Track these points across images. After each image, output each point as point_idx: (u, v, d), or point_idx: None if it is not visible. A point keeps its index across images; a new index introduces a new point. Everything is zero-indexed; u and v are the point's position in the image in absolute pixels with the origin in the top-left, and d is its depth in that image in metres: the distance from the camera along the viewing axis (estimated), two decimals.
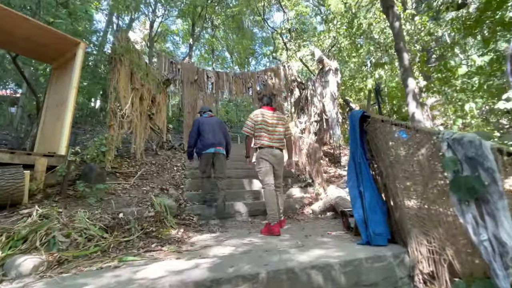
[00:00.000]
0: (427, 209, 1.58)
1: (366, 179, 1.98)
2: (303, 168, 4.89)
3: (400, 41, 4.22)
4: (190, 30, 16.21)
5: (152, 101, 6.14)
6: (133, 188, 3.75)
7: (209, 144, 3.59)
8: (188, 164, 5.17)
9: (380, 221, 1.82)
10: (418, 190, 1.64)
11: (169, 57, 8.98)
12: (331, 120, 5.35)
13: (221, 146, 3.67)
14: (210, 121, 3.79)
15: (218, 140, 3.65)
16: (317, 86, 5.85)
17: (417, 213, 1.62)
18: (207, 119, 3.83)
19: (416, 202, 1.67)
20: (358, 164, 2.04)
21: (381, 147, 1.92)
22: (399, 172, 1.76)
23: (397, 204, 1.79)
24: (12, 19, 2.86)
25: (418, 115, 3.93)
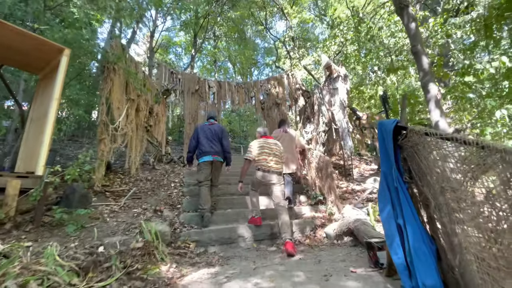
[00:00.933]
0: (505, 257, 1.12)
1: (406, 210, 1.53)
2: (312, 183, 4.44)
3: (417, 43, 3.84)
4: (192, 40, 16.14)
5: (150, 112, 5.79)
6: (123, 211, 3.32)
7: (205, 152, 3.60)
8: (187, 180, 4.76)
9: (430, 269, 1.36)
10: (489, 229, 1.19)
11: (169, 67, 8.75)
12: (342, 130, 4.92)
13: (218, 154, 3.66)
14: (209, 128, 3.77)
15: (215, 148, 3.64)
16: (325, 93, 5.46)
17: (490, 263, 1.16)
18: (206, 127, 3.81)
19: (485, 246, 1.21)
20: (393, 189, 1.60)
21: (426, 169, 1.48)
22: (455, 202, 1.32)
23: (455, 246, 1.33)
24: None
25: (443, 124, 3.50)
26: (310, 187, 4.52)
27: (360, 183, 5.17)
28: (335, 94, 5.13)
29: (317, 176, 4.31)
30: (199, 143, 3.67)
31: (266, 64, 23.30)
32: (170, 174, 5.28)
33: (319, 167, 4.12)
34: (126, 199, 3.59)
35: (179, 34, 21.01)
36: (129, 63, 5.01)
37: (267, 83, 9.41)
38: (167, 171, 5.43)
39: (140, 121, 5.27)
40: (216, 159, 3.61)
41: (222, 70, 24.73)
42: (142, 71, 5.71)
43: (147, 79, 5.88)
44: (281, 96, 9.26)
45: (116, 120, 4.35)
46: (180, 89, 8.41)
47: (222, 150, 3.71)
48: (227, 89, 9.02)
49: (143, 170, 5.35)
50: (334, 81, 5.19)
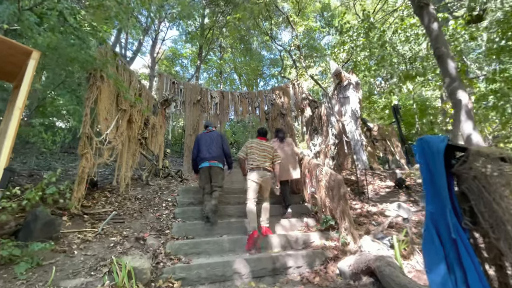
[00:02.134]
0: None
1: (471, 273, 0.99)
2: (322, 205, 3.87)
3: (441, 45, 3.34)
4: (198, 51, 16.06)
5: (145, 123, 5.40)
6: (98, 239, 2.83)
7: (203, 158, 3.75)
8: (181, 198, 4.27)
9: None
10: None
11: (171, 77, 8.48)
12: (354, 143, 4.39)
13: (216, 160, 3.74)
14: (207, 136, 3.94)
15: (213, 154, 3.74)
16: (334, 103, 4.97)
17: None
18: (204, 135, 4.00)
19: None
20: (449, 241, 1.07)
21: (503, 213, 0.95)
22: None
23: None
24: None
25: (476, 138, 2.93)
26: (319, 209, 3.96)
27: (376, 203, 4.57)
28: (345, 104, 4.63)
29: (327, 195, 3.75)
30: (199, 151, 3.85)
31: (272, 75, 23.11)
32: (164, 191, 4.80)
33: (330, 186, 3.57)
34: (105, 224, 3.11)
35: (186, 46, 21.17)
36: (122, 71, 4.67)
37: (272, 93, 9.00)
38: (161, 188, 4.96)
39: (133, 133, 4.87)
40: (212, 164, 3.70)
41: (228, 82, 24.69)
42: (138, 80, 5.37)
43: (143, 88, 5.53)
44: (286, 106, 8.82)
45: (103, 132, 3.94)
46: (181, 99, 8.08)
47: (222, 156, 3.84)
48: (230, 99, 8.65)
49: (135, 187, 4.90)
50: (345, 90, 4.70)
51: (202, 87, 8.48)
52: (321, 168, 3.89)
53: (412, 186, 5.32)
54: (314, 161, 4.22)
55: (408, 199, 4.64)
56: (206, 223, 3.46)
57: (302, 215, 4.22)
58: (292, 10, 9.85)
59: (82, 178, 3.49)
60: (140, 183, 5.11)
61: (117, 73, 4.57)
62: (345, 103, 4.57)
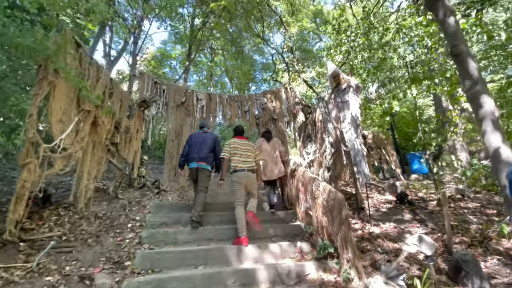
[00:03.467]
0: None
1: None
2: (319, 226, 3.28)
3: (459, 42, 2.87)
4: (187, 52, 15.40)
5: (116, 127, 4.71)
6: (28, 280, 2.13)
7: (191, 158, 3.74)
8: (151, 218, 3.59)
9: None
10: None
11: (153, 76, 7.80)
12: (354, 153, 3.85)
13: (203, 162, 3.71)
14: (200, 136, 3.90)
15: (201, 155, 3.72)
16: (331, 108, 4.44)
17: None
18: (197, 135, 3.98)
19: None
20: None
21: None
22: None
23: None
24: None
25: (506, 153, 2.43)
26: (315, 230, 3.36)
27: (378, 222, 4.02)
28: (344, 109, 4.10)
29: (325, 214, 3.17)
30: (189, 150, 3.82)
31: (264, 80, 22.71)
32: (134, 206, 4.10)
33: (329, 206, 2.99)
34: (43, 256, 2.40)
35: (176, 48, 20.51)
36: (87, 65, 3.99)
37: (263, 97, 8.45)
38: (131, 202, 4.25)
39: (99, 138, 4.17)
40: (200, 166, 3.67)
41: (219, 85, 24.10)
42: (110, 77, 4.69)
43: (115, 87, 4.84)
44: (278, 111, 8.28)
45: (56, 137, 3.24)
46: (163, 101, 7.40)
47: (211, 158, 3.80)
48: (218, 102, 8.03)
49: (100, 201, 4.18)
50: (343, 93, 4.18)
51: (187, 88, 7.82)
52: (318, 183, 3.31)
53: (415, 201, 4.82)
54: (309, 174, 3.64)
55: (413, 217, 4.13)
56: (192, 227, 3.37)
57: (295, 238, 3.62)
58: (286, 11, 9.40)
59: (22, 194, 2.77)
60: (107, 196, 4.39)
61: (80, 67, 3.89)
62: (344, 108, 4.04)
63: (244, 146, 3.61)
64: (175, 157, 7.05)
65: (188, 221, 3.45)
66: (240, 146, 3.59)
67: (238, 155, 3.52)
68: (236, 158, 3.50)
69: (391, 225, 3.89)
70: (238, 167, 3.45)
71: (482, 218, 3.83)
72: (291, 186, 4.31)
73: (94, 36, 12.27)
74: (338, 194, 2.87)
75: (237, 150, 3.54)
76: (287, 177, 4.51)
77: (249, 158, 3.56)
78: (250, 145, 3.70)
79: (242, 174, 3.43)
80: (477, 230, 3.40)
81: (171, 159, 6.99)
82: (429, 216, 4.15)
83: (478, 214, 4.04)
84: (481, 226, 3.52)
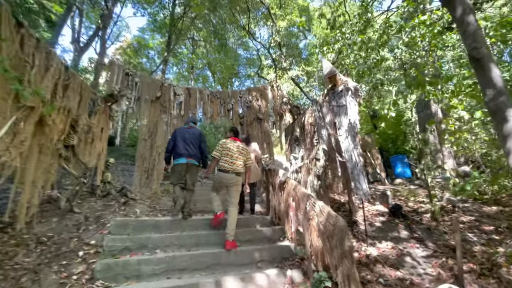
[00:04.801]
0: None
1: None
2: (313, 254, 2.81)
3: (480, 45, 2.49)
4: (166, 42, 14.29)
5: (72, 126, 3.92)
6: None
7: (180, 154, 3.66)
8: (111, 241, 2.92)
9: None
10: None
11: (125, 66, 6.91)
12: (352, 166, 3.41)
13: (193, 158, 3.69)
14: (186, 131, 3.83)
15: (190, 152, 3.68)
16: (326, 112, 3.97)
17: None
18: (184, 130, 3.88)
19: None
20: None
21: None
22: None
23: None
24: None
25: None
26: (308, 256, 2.88)
27: (374, 240, 3.65)
28: (340, 114, 3.65)
29: (320, 238, 2.70)
30: (175, 146, 3.73)
31: (248, 76, 22.03)
32: (92, 224, 3.39)
33: (327, 232, 2.51)
34: None
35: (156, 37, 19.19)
36: (31, 49, 3.18)
37: (248, 94, 7.86)
38: (88, 218, 3.53)
39: (48, 141, 3.39)
40: (190, 161, 3.65)
41: (200, 79, 23.05)
42: (65, 66, 3.87)
43: (73, 78, 4.03)
44: (264, 110, 7.74)
45: None
46: (135, 95, 6.57)
47: (199, 154, 3.78)
48: (198, 98, 7.32)
49: (50, 217, 3.42)
50: (340, 96, 3.72)
51: (163, 81, 7.03)
52: (313, 201, 2.82)
53: (409, 214, 4.52)
54: (302, 189, 3.15)
55: (410, 235, 3.80)
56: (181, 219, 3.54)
57: (284, 263, 3.13)
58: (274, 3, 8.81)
59: None
60: (61, 210, 3.62)
61: (22, 53, 3.08)
62: (340, 114, 3.59)
63: (236, 149, 3.51)
64: (148, 159, 6.31)
65: (173, 222, 3.49)
66: (233, 147, 3.50)
67: (229, 156, 3.43)
68: (226, 159, 3.42)
69: (388, 245, 3.53)
70: (225, 167, 3.38)
71: (482, 237, 3.57)
72: (279, 199, 3.81)
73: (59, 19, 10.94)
74: (339, 219, 2.39)
75: (228, 151, 3.45)
76: (275, 188, 4.01)
77: (238, 161, 3.47)
78: (243, 149, 3.58)
79: (226, 176, 3.37)
80: (482, 253, 3.11)
81: (143, 161, 6.24)
82: (427, 233, 3.85)
83: (476, 230, 3.79)
84: (484, 248, 3.23)
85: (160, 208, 5.00)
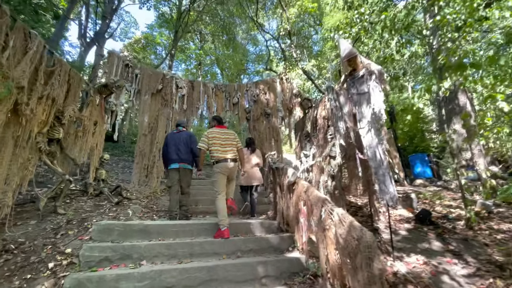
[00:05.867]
0: None
1: None
2: (329, 270, 2.27)
3: None
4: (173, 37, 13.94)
5: (57, 117, 3.53)
6: None
7: (172, 159, 3.74)
8: (88, 251, 2.47)
9: None
10: None
11: (124, 57, 6.53)
12: (376, 165, 2.85)
13: (185, 162, 3.76)
14: (176, 136, 3.87)
15: (181, 156, 3.74)
16: (343, 101, 3.41)
17: None
18: (173, 135, 3.93)
19: None
20: None
21: None
22: None
23: None
24: None
25: None
26: (324, 276, 2.36)
27: (400, 253, 3.07)
28: (361, 103, 3.09)
29: (339, 254, 2.16)
30: (167, 151, 3.79)
31: (257, 72, 21.52)
32: (73, 228, 2.98)
33: (349, 247, 1.97)
34: None
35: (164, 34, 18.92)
36: (3, 28, 2.77)
37: (255, 88, 7.35)
38: (70, 221, 3.13)
39: (25, 132, 3.00)
40: (182, 166, 3.74)
41: (209, 75, 22.70)
42: (50, 50, 3.46)
43: (60, 64, 3.63)
44: (272, 104, 7.21)
45: None
46: (135, 87, 6.18)
47: (191, 157, 3.80)
48: (201, 92, 6.87)
49: (29, 219, 3.04)
50: (361, 82, 3.16)
51: (165, 73, 6.61)
52: (330, 208, 2.29)
53: (438, 221, 3.90)
54: (315, 191, 2.62)
55: (444, 247, 3.20)
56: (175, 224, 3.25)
57: (293, 280, 2.61)
58: None
59: None
60: (42, 211, 3.23)
61: None
62: (361, 102, 3.03)
63: (224, 136, 3.42)
64: (147, 155, 5.91)
65: (165, 226, 3.16)
66: (220, 135, 3.40)
67: (218, 145, 3.33)
68: (217, 148, 3.31)
69: (419, 260, 2.94)
70: (220, 157, 3.27)
71: None
72: (288, 202, 3.29)
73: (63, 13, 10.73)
74: (365, 233, 1.85)
75: (216, 140, 3.35)
76: (283, 189, 3.49)
77: (230, 147, 3.38)
78: (230, 133, 3.50)
79: (225, 165, 3.26)
80: None
81: (142, 158, 5.85)
82: (464, 244, 3.24)
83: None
84: None
85: (157, 208, 4.58)
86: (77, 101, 4.14)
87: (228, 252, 2.85)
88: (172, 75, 6.72)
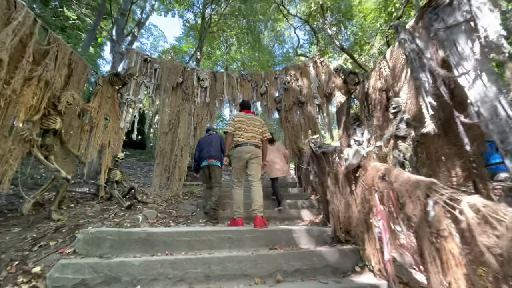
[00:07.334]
0: None
1: None
2: None
3: None
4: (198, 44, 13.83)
5: (54, 104, 2.97)
6: None
7: (202, 157, 3.98)
8: (58, 272, 1.69)
9: None
10: None
11: (143, 53, 6.11)
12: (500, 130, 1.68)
13: (214, 159, 3.93)
14: (207, 139, 4.12)
15: (210, 153, 3.95)
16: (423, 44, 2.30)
17: None
18: (204, 138, 4.20)
19: None
20: None
21: None
22: None
23: None
24: None
25: None
26: None
27: None
28: (457, 38, 1.97)
29: None
30: (199, 156, 4.04)
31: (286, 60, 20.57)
32: (57, 239, 2.27)
33: None
34: None
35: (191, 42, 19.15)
36: None
37: (285, 74, 6.41)
38: (59, 229, 2.44)
39: (5, 118, 2.42)
40: (211, 163, 3.92)
41: None
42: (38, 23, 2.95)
43: (56, 44, 3.11)
44: (305, 91, 6.18)
45: None
46: (155, 82, 5.65)
47: (220, 155, 3.98)
48: (225, 83, 6.13)
49: (13, 226, 2.42)
50: (448, 12, 2.06)
51: (185, 66, 6.02)
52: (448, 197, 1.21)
53: None
54: (405, 174, 1.55)
55: None
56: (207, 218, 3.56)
57: None
58: None
59: None
60: (36, 216, 2.62)
61: None
62: (456, 38, 1.91)
63: (249, 120, 3.22)
64: (168, 155, 5.25)
65: (201, 214, 3.70)
66: (246, 120, 3.20)
67: (243, 129, 3.15)
68: (240, 133, 3.14)
69: None
70: (240, 141, 3.12)
71: None
72: (348, 198, 2.22)
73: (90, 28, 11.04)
74: None
75: (241, 124, 3.17)
76: (337, 181, 2.43)
77: (253, 133, 3.17)
78: (256, 119, 3.29)
79: (244, 149, 3.08)
80: None
81: (163, 158, 5.20)
82: None
83: None
84: None
85: (176, 214, 3.81)
86: (81, 89, 3.61)
87: (263, 274, 1.89)
88: (193, 67, 6.10)
